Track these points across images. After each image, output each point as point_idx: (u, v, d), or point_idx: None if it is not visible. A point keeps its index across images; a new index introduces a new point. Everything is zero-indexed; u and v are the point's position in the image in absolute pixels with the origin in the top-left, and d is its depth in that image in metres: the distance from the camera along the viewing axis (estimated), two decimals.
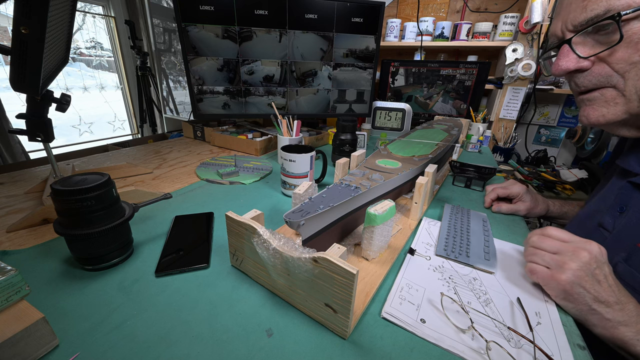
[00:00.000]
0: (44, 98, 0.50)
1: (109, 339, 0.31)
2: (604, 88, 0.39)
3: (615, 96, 0.39)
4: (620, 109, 0.39)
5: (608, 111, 0.40)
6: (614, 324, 0.34)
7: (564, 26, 0.40)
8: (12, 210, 0.56)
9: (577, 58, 0.39)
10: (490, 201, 0.64)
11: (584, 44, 0.39)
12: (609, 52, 0.37)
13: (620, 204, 0.45)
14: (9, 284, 0.28)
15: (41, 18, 0.39)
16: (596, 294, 0.34)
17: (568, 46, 0.40)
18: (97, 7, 1.84)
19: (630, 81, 0.36)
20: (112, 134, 2.10)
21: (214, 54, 0.91)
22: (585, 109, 0.43)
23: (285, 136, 0.80)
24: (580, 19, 0.37)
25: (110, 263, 0.41)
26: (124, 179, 0.72)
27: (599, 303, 0.34)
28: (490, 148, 1.31)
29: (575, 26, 0.38)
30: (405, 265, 0.44)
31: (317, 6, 0.93)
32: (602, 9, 0.35)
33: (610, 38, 0.36)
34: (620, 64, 0.36)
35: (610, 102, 0.39)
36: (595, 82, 0.40)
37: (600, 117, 0.41)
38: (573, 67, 0.40)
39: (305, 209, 0.38)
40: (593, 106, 0.41)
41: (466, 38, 1.55)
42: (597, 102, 0.41)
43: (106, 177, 0.38)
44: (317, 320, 0.34)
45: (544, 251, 0.39)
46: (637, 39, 0.34)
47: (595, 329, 0.35)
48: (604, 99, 0.40)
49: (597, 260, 0.35)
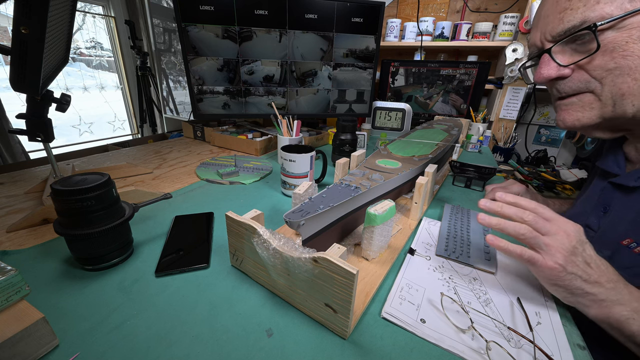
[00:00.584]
0: (44, 98, 0.50)
1: (109, 339, 0.31)
2: (582, 93, 0.41)
3: (592, 101, 0.41)
4: (596, 113, 0.41)
5: (583, 115, 0.42)
6: (608, 303, 0.34)
7: (543, 37, 0.42)
8: (12, 210, 0.56)
9: (558, 66, 0.41)
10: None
11: (562, 52, 0.41)
12: (588, 60, 0.39)
13: (604, 204, 0.47)
14: (9, 284, 0.28)
15: (41, 18, 0.39)
16: (586, 276, 0.34)
17: (548, 55, 0.42)
18: (97, 7, 1.84)
19: (606, 86, 0.38)
20: (112, 134, 2.10)
21: (214, 54, 0.91)
22: (562, 113, 0.44)
23: (285, 136, 0.80)
24: (557, 30, 0.39)
25: (110, 263, 0.41)
26: (124, 179, 0.72)
27: (591, 284, 0.34)
28: (490, 148, 1.31)
29: (553, 36, 0.40)
30: (405, 265, 0.44)
31: (317, 6, 0.93)
32: (578, 21, 0.37)
33: (588, 47, 0.38)
34: (598, 70, 0.38)
35: (587, 106, 0.41)
36: (575, 88, 0.41)
37: (576, 120, 0.43)
38: (555, 75, 0.42)
39: (305, 209, 0.38)
40: (569, 110, 0.43)
41: (466, 38, 1.55)
42: (573, 106, 0.43)
43: (106, 177, 0.38)
44: (317, 320, 0.34)
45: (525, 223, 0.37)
46: (612, 47, 0.36)
47: (589, 310, 0.35)
48: (580, 104, 0.42)
49: (580, 239, 0.35)
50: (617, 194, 0.45)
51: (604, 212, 0.46)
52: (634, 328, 0.33)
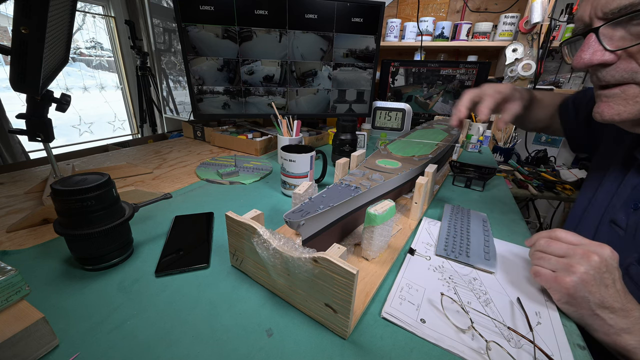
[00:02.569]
0: (44, 98, 0.50)
1: (109, 339, 0.31)
2: (626, 84, 0.37)
3: (638, 94, 0.36)
4: (639, 108, 0.37)
5: (625, 109, 0.37)
6: (616, 330, 0.33)
7: (593, 12, 0.36)
8: (12, 210, 0.56)
9: (603, 51, 0.36)
10: (465, 111, 0.54)
11: (612, 34, 0.35)
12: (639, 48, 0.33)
13: (635, 200, 0.43)
14: (9, 284, 0.28)
15: (41, 18, 0.39)
16: (601, 298, 0.33)
17: (595, 36, 0.36)
18: (97, 7, 1.84)
19: None
20: (112, 134, 2.10)
21: (214, 54, 0.91)
22: (601, 105, 0.40)
23: (285, 136, 0.80)
24: (612, 6, 0.34)
25: (110, 263, 0.41)
26: (124, 179, 0.72)
27: (602, 308, 0.33)
28: (490, 148, 1.31)
29: (605, 13, 0.35)
30: (405, 265, 0.44)
31: (317, 6, 0.93)
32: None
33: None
34: None
35: (630, 100, 0.37)
36: (618, 78, 0.37)
37: (615, 115, 0.38)
38: (597, 61, 0.36)
39: (305, 209, 0.38)
40: (609, 103, 0.39)
41: (466, 38, 1.55)
42: (615, 99, 0.38)
43: (106, 177, 0.38)
44: (317, 320, 0.34)
45: (551, 255, 0.37)
46: None
47: (596, 334, 0.34)
48: (623, 97, 0.37)
49: (608, 264, 0.34)
50: None
51: (634, 208, 0.43)
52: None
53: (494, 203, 0.67)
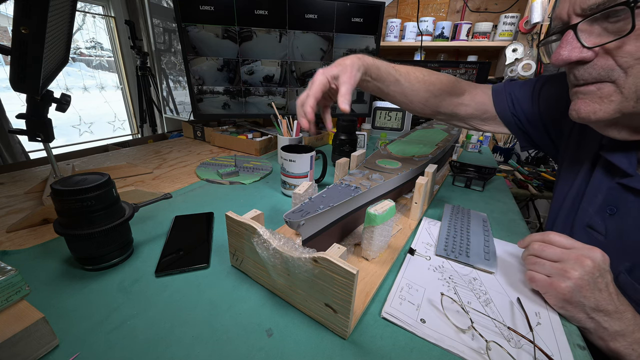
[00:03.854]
0: (44, 98, 0.50)
1: (109, 339, 0.31)
2: (602, 82, 0.36)
3: (612, 92, 0.36)
4: (614, 107, 0.36)
5: (600, 108, 0.37)
6: (610, 333, 0.33)
7: (572, 9, 0.36)
8: (12, 210, 0.56)
9: (581, 47, 0.35)
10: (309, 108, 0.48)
11: (590, 31, 0.35)
12: (617, 44, 0.33)
13: (610, 204, 0.43)
14: (9, 284, 0.28)
15: (41, 18, 0.39)
16: (596, 302, 0.33)
17: (573, 33, 0.36)
18: (97, 7, 1.84)
19: (631, 77, 0.34)
20: (112, 134, 2.10)
21: (214, 54, 0.91)
22: (577, 102, 0.39)
23: (285, 136, 0.80)
24: (590, 2, 0.34)
25: (110, 263, 0.41)
26: (124, 179, 0.72)
27: (597, 312, 0.33)
28: (490, 148, 1.31)
29: (584, 10, 0.35)
30: (405, 265, 0.44)
31: (317, 6, 0.93)
32: None
33: (621, 27, 0.32)
34: (626, 57, 0.33)
35: (605, 98, 0.36)
36: (595, 76, 0.36)
37: (591, 113, 0.38)
38: (575, 58, 0.36)
39: (305, 209, 0.38)
40: (585, 100, 0.38)
41: (466, 38, 1.55)
42: (590, 96, 0.38)
43: (106, 177, 0.38)
44: (317, 320, 0.34)
45: (546, 259, 0.37)
46: None
47: (591, 337, 0.35)
48: (598, 95, 0.37)
49: (600, 268, 0.34)
50: (631, 198, 0.41)
51: (610, 213, 0.43)
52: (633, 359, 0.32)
53: (494, 203, 0.67)
